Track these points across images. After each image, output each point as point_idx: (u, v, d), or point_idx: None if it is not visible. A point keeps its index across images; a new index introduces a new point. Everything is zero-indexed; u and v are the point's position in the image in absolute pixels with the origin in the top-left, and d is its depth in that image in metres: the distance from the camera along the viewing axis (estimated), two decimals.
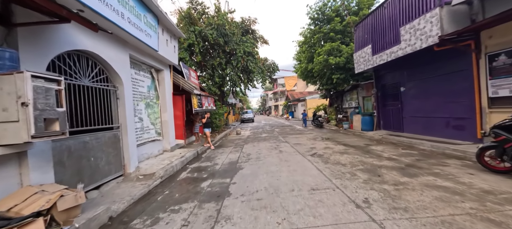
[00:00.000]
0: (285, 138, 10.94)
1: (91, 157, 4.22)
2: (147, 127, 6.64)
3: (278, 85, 51.54)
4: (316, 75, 14.96)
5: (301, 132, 13.61)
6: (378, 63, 8.27)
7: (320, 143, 8.86)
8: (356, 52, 10.11)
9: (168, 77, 7.99)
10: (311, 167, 5.33)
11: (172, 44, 7.77)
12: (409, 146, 6.97)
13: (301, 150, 7.58)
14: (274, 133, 14.03)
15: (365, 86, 11.87)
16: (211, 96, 12.40)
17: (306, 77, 16.89)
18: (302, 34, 16.68)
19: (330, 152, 6.95)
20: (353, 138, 9.55)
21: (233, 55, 13.23)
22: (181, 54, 11.61)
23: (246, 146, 9.29)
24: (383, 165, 5.09)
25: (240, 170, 5.58)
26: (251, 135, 13.46)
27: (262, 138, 11.63)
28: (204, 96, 10.65)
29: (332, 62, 12.41)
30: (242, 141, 10.99)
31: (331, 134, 11.48)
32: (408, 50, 6.74)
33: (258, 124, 25.08)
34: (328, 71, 13.64)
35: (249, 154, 7.56)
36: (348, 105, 14.03)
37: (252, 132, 15.65)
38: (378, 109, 10.08)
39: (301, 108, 30.84)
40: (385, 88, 9.76)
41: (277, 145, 9.03)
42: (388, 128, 9.58)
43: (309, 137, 10.74)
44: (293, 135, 12.21)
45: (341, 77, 12.82)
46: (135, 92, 6.10)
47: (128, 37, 5.14)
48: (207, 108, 11.09)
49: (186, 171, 5.88)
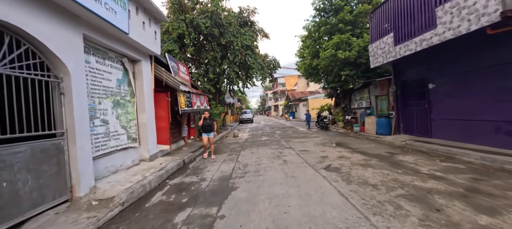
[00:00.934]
0: (289, 143, 9.50)
1: (2, 181, 2.77)
2: (115, 131, 5.18)
3: (278, 84, 50.12)
4: (321, 72, 13.53)
5: (305, 135, 12.17)
6: (403, 55, 6.84)
7: (331, 150, 7.43)
8: (372, 44, 8.69)
9: (148, 70, 6.55)
10: (330, 189, 3.89)
11: (151, 29, 6.32)
12: (448, 157, 5.54)
13: (310, 159, 6.14)
14: (275, 136, 12.59)
15: (379, 83, 10.45)
16: (204, 94, 10.95)
17: (310, 74, 15.48)
18: (306, 27, 15.25)
19: (348, 163, 5.51)
20: (369, 144, 8.12)
21: (229, 48, 11.79)
22: (169, 46, 10.16)
23: (243, 153, 7.85)
24: (432, 188, 3.66)
25: (233, 191, 4.14)
26: (250, 138, 12.03)
27: (262, 142, 10.19)
28: (195, 94, 9.21)
29: (341, 56, 10.98)
30: (239, 146, 9.55)
31: (340, 138, 10.05)
32: (448, 36, 5.31)
33: (258, 125, 23.65)
34: (335, 67, 12.22)
35: (246, 164, 6.12)
36: (358, 105, 12.61)
37: (251, 134, 14.22)
38: (397, 109, 8.66)
39: (303, 108, 29.42)
40: (406, 85, 8.34)
41: (280, 152, 7.59)
42: (410, 132, 8.16)
43: (316, 142, 9.31)
44: (297, 138, 10.77)
45: (350, 74, 11.39)
46: (95, 87, 4.65)
47: (77, 8, 3.69)
48: (199, 108, 9.64)
49: (162, 191, 4.43)
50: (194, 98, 8.98)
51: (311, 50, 14.41)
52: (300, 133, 13.35)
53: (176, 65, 8.81)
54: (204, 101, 10.62)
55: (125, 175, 4.91)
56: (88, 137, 4.06)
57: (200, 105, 9.94)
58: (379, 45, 8.08)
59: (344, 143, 8.58)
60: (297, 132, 14.09)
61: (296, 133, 13.19)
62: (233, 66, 11.83)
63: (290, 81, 50.58)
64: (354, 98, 13.02)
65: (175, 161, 6.39)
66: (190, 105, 8.26)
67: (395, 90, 8.51)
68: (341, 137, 10.42)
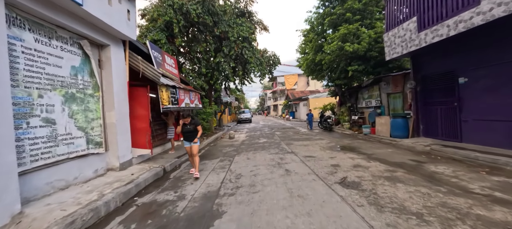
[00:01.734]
0: (290, 146, 8.31)
1: None
2: (67, 134, 3.98)
3: (278, 83, 48.98)
4: (325, 67, 12.35)
5: (308, 136, 11.00)
6: (430, 42, 5.68)
7: (341, 156, 6.25)
8: (387, 32, 7.52)
9: (119, 58, 5.34)
10: (356, 220, 2.71)
11: (122, 7, 5.11)
12: (495, 168, 4.37)
13: (319, 169, 4.96)
14: (274, 137, 11.41)
15: (392, 79, 9.29)
16: (196, 91, 9.75)
17: (312, 71, 14.29)
18: (308, 20, 14.07)
19: (367, 176, 4.34)
20: (385, 149, 6.95)
21: (224, 40, 10.58)
22: (155, 35, 8.95)
23: (238, 159, 6.67)
24: (508, 221, 2.48)
25: (218, 219, 2.95)
26: (247, 140, 10.85)
27: (260, 145, 8.99)
28: (184, 90, 8.01)
29: (348, 49, 9.81)
30: (234, 150, 8.35)
31: (349, 141, 8.87)
32: (498, 13, 4.14)
33: (256, 125, 22.46)
34: (342, 61, 11.04)
35: (239, 175, 4.93)
36: (366, 105, 11.45)
37: (248, 135, 13.03)
38: (416, 108, 7.50)
39: (304, 108, 28.27)
40: (428, 80, 7.18)
41: (281, 158, 6.40)
42: (433, 135, 7.00)
43: (322, 145, 8.13)
44: (299, 141, 9.59)
45: (359, 69, 10.21)
46: (33, 74, 3.45)
47: None
48: (188, 106, 8.44)
49: (123, 216, 3.24)
50: (182, 94, 7.78)
51: (314, 45, 13.23)
52: (302, 134, 12.17)
53: (160, 56, 7.60)
54: (195, 99, 9.42)
55: (76, 193, 3.70)
56: (11, 143, 2.85)
57: (190, 102, 8.75)
58: (398, 33, 6.91)
59: (355, 147, 7.40)
60: (298, 133, 12.91)
61: (298, 135, 12.01)
62: (228, 60, 10.62)
63: (290, 80, 49.42)
64: (362, 97, 11.86)
65: (153, 170, 5.19)
66: (176, 102, 7.06)
67: (414, 86, 7.34)
68: (349, 140, 9.25)
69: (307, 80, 47.77)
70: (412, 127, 7.55)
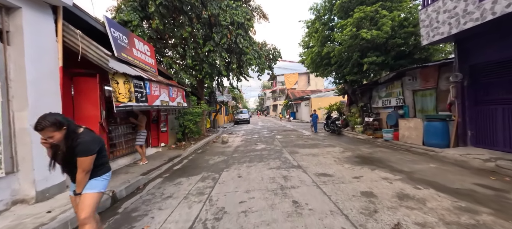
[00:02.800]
0: (295, 156, 6.53)
1: None
2: None
3: (278, 82, 47.25)
4: (334, 61, 10.58)
5: (314, 141, 9.21)
6: (502, 12, 3.90)
7: (369, 174, 4.47)
8: (426, 7, 5.72)
9: (42, 30, 3.55)
10: None
11: None
12: None
13: (345, 203, 3.18)
14: (275, 142, 9.62)
15: (419, 73, 7.54)
16: (178, 86, 7.97)
17: (318, 66, 12.54)
18: (313, 8, 12.33)
19: (435, 221, 2.55)
20: (424, 163, 5.17)
21: (215, 26, 8.79)
22: (126, 16, 7.14)
23: (226, 176, 4.88)
24: None
25: None
26: (242, 146, 9.06)
27: (256, 154, 7.21)
28: (159, 83, 6.22)
29: (365, 37, 8.04)
30: (224, 161, 6.56)
31: (368, 149, 7.09)
32: None
33: (254, 126, 20.67)
34: (355, 53, 9.27)
35: (221, 212, 3.15)
36: (383, 104, 9.69)
37: (245, 139, 11.25)
38: (462, 109, 5.73)
39: (305, 108, 26.52)
40: (480, 71, 5.43)
41: (285, 177, 4.62)
42: (490, 145, 5.24)
43: (336, 155, 6.35)
44: (305, 148, 7.81)
45: (377, 61, 8.43)
46: None
47: None
48: (167, 104, 6.66)
49: None
50: (156, 89, 5.99)
51: (321, 35, 11.47)
52: (307, 139, 10.39)
53: (126, 39, 5.80)
54: (177, 96, 7.64)
55: None
56: None
57: (170, 100, 6.97)
58: (443, 7, 5.12)
59: (381, 160, 5.63)
60: (302, 137, 11.12)
61: (302, 139, 10.23)
62: (219, 50, 8.81)
63: (290, 79, 47.63)
64: (377, 95, 10.09)
65: None
66: (143, 98, 5.26)
67: (461, 79, 5.56)
68: (368, 147, 7.47)
69: (308, 79, 46.05)
70: (455, 133, 5.78)
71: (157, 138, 8.22)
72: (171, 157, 7.16)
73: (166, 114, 8.59)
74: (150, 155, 7.47)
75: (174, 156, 7.28)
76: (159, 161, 6.64)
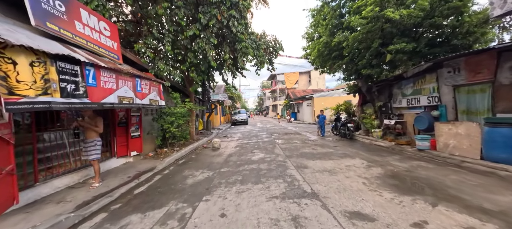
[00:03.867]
0: (304, 172, 4.75)
1: None
2: None
3: (278, 82, 45.52)
4: (347, 52, 8.82)
5: (325, 150, 7.44)
6: None
7: (436, 216, 2.70)
8: None
9: None
10: None
11: None
12: None
13: None
14: (275, 149, 7.85)
15: (465, 62, 5.78)
16: (151, 79, 6.18)
17: (325, 60, 10.80)
18: None
19: None
20: (500, 194, 3.41)
21: (202, 5, 7.00)
22: None
23: (203, 211, 3.11)
24: None
25: None
26: (235, 154, 7.29)
27: (253, 168, 5.42)
28: (115, 72, 4.42)
29: (393, 17, 6.28)
30: (207, 180, 4.77)
31: (400, 163, 5.32)
32: None
33: (252, 128, 18.88)
34: (375, 40, 7.51)
35: None
36: (408, 104, 7.93)
37: (240, 145, 9.46)
38: None
39: (307, 108, 24.77)
40: None
41: (296, 217, 2.84)
42: None
43: (361, 173, 4.57)
44: (315, 159, 6.03)
45: (407, 49, 6.66)
46: None
47: None
48: (131, 102, 4.88)
49: None
50: (108, 79, 4.20)
51: (330, 23, 9.72)
52: (314, 145, 8.62)
53: (62, 4, 4.00)
54: (149, 91, 5.86)
55: None
56: None
57: (137, 96, 5.19)
58: None
59: (431, 183, 3.86)
60: (307, 142, 9.35)
61: (308, 146, 8.45)
62: (207, 35, 7.02)
63: (291, 78, 45.88)
64: (400, 92, 8.33)
65: None
66: (80, 92, 3.47)
67: None
68: (397, 159, 5.70)
69: (309, 78, 44.31)
70: None
71: (126, 145, 6.43)
72: (139, 172, 5.39)
73: (138, 115, 6.80)
74: (113, 169, 5.69)
75: (144, 171, 5.51)
76: (120, 180, 4.87)
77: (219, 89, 27.24)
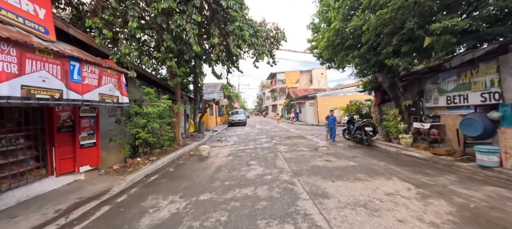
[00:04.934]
0: (325, 208, 2.99)
1: None
2: None
3: (278, 81, 43.79)
4: (368, 37, 7.06)
5: (344, 164, 5.68)
6: None
7: None
8: None
9: None
10: None
11: None
12: None
13: None
14: (277, 161, 6.08)
15: None
16: (111, 67, 4.42)
17: (336, 52, 9.09)
18: None
19: None
20: None
21: None
22: None
23: None
24: None
25: None
26: (226, 167, 5.53)
27: (247, 196, 3.65)
28: (28, 48, 2.65)
29: None
30: (174, 218, 3.00)
31: (466, 190, 3.57)
32: None
33: (251, 130, 17.08)
34: (411, 19, 5.72)
35: None
36: (448, 102, 6.18)
37: (234, 152, 7.69)
38: None
39: (310, 109, 23.01)
40: None
41: None
42: None
43: (419, 212, 2.80)
44: (335, 179, 4.27)
45: (459, 26, 4.87)
46: None
47: None
48: (62, 97, 3.10)
49: None
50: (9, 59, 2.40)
51: (344, 4, 8.00)
52: (327, 154, 6.85)
53: None
54: (100, 83, 4.09)
55: None
56: None
57: (75, 88, 3.39)
58: None
59: None
60: (317, 150, 7.58)
61: (319, 155, 6.69)
62: (189, 11, 5.24)
63: (291, 77, 44.09)
64: (437, 88, 6.57)
65: None
66: None
67: None
68: (456, 182, 3.95)
69: (310, 77, 42.53)
70: None
71: (74, 158, 4.66)
72: (80, 200, 3.63)
73: (93, 117, 5.02)
74: (44, 195, 3.91)
75: (90, 197, 3.76)
76: (33, 219, 3.10)
77: (215, 87, 25.48)
